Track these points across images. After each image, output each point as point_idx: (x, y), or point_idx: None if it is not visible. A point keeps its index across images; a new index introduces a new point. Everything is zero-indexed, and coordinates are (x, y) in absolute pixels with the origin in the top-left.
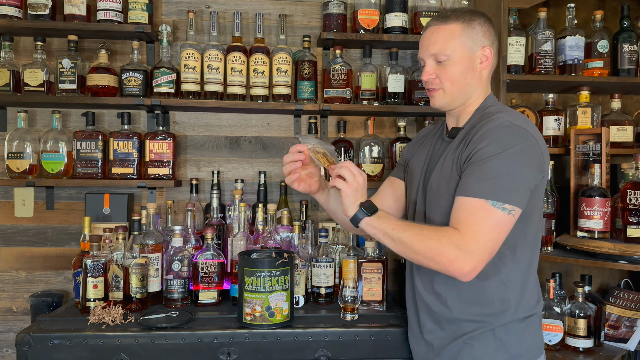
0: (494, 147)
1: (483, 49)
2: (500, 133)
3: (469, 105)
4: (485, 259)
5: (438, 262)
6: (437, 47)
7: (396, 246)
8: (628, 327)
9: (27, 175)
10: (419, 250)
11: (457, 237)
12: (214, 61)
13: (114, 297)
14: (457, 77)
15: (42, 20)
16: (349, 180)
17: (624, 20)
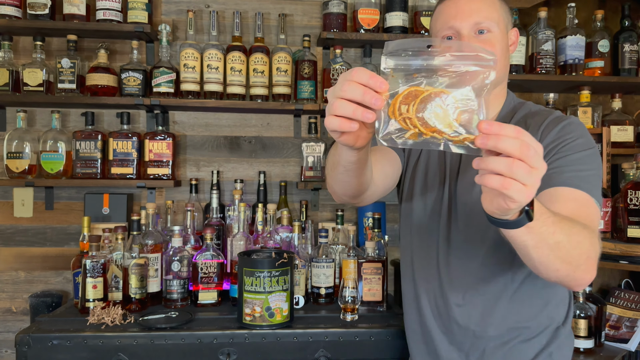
0: (584, 142)
1: (514, 30)
2: (583, 130)
3: (497, 95)
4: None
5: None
6: (482, 14)
7: (546, 254)
8: (629, 327)
9: (26, 175)
10: (574, 259)
11: (596, 238)
12: (214, 61)
13: (113, 297)
14: (501, 54)
15: (42, 20)
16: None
17: (625, 20)
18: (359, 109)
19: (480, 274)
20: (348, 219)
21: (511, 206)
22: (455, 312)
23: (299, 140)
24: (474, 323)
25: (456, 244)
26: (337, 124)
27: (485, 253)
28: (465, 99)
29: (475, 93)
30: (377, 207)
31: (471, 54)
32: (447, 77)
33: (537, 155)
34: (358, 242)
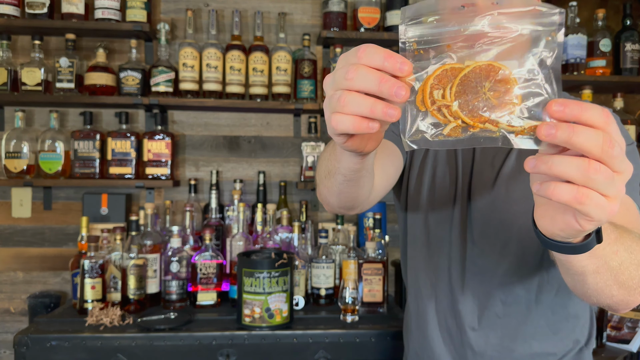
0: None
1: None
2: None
3: None
4: None
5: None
6: None
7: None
8: (630, 328)
9: (24, 175)
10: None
11: None
12: (213, 60)
13: (111, 298)
14: None
15: (40, 19)
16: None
17: (627, 19)
18: (378, 103)
19: (499, 293)
20: (348, 219)
21: (586, 227)
22: (470, 336)
23: (298, 140)
24: (491, 349)
25: (471, 258)
26: (351, 124)
27: (506, 269)
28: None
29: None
30: (378, 207)
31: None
32: (495, 45)
33: (622, 154)
34: (358, 242)
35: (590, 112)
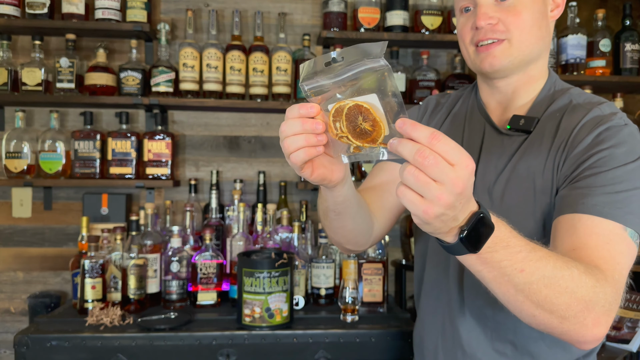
0: (625, 152)
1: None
2: (625, 136)
3: (532, 78)
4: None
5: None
6: None
7: (514, 294)
8: (630, 328)
9: (24, 175)
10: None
11: (608, 281)
12: (213, 60)
13: (112, 298)
14: (531, 24)
15: (40, 19)
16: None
17: (626, 19)
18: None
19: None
20: None
21: (416, 219)
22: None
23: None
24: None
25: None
26: (302, 153)
27: None
28: (375, 104)
29: (380, 96)
30: None
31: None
32: (350, 87)
33: (439, 166)
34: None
35: (417, 131)
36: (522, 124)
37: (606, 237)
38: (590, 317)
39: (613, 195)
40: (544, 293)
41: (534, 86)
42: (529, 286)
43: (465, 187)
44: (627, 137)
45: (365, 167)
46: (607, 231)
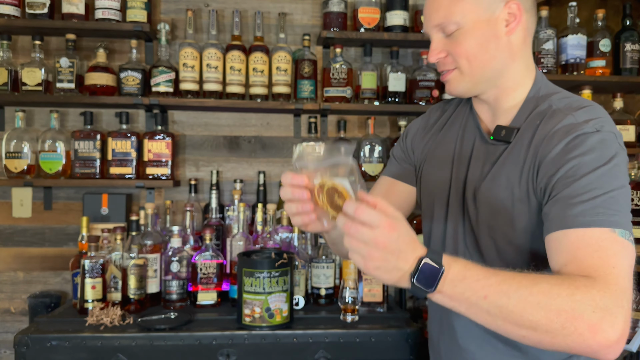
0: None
1: (507, 5)
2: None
3: (509, 88)
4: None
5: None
6: (441, 13)
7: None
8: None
9: (25, 175)
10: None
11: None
12: (213, 60)
13: (112, 298)
14: (476, 50)
15: (40, 19)
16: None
17: (626, 19)
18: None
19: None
20: None
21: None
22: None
23: (298, 140)
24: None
25: None
26: (299, 220)
27: None
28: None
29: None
30: None
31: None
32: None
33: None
34: None
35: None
36: (503, 134)
37: (595, 245)
38: (582, 326)
39: (591, 202)
40: (518, 312)
41: (515, 94)
42: (499, 309)
43: (387, 243)
44: (596, 144)
45: (365, 167)
46: (595, 239)
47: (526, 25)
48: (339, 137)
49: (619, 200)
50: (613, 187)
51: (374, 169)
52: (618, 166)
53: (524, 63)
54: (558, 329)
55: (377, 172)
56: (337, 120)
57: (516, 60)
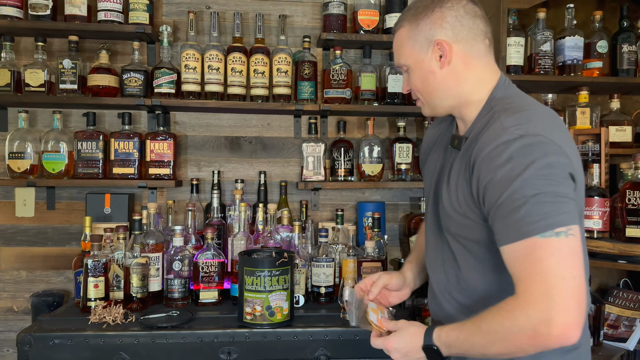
0: (510, 169)
1: (436, 45)
2: (512, 151)
3: (467, 105)
4: (572, 302)
5: (525, 345)
6: (396, 58)
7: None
8: (627, 326)
9: (28, 175)
10: (501, 351)
11: (521, 305)
12: (214, 61)
13: (114, 296)
14: (420, 85)
15: (43, 21)
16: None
17: (623, 21)
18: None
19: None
20: (348, 218)
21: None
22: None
23: (299, 141)
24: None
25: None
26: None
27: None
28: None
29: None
30: (377, 207)
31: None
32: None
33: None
34: (358, 241)
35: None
36: (456, 143)
37: (521, 258)
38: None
39: (513, 215)
40: (487, 351)
41: (473, 107)
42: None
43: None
44: (514, 153)
45: (364, 167)
46: (518, 253)
47: (463, 53)
48: (338, 137)
49: (542, 203)
50: (532, 192)
51: (373, 169)
52: (539, 170)
53: (474, 82)
54: (513, 350)
55: (376, 172)
56: (336, 121)
57: (464, 83)
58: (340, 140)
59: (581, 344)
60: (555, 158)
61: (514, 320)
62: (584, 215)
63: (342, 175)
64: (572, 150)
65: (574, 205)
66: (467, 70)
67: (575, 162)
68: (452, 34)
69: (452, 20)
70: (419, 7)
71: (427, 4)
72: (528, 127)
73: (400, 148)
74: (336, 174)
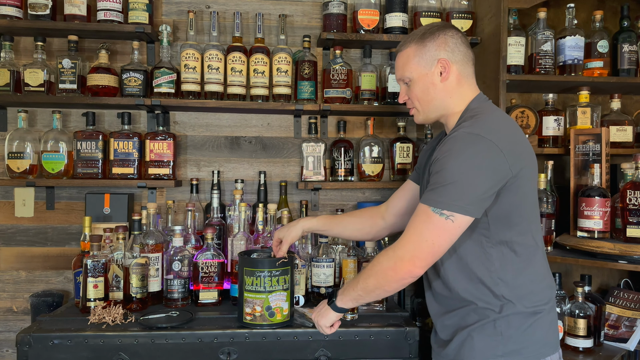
0: (445, 158)
1: (439, 62)
2: (454, 144)
3: (451, 115)
4: (422, 254)
5: (390, 277)
6: (399, 72)
7: (370, 297)
8: (628, 327)
9: (27, 175)
10: (376, 283)
11: (392, 248)
12: (214, 61)
13: (114, 297)
14: (421, 95)
15: (43, 21)
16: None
17: (624, 21)
18: None
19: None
20: None
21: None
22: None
23: (299, 141)
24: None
25: None
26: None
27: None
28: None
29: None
30: None
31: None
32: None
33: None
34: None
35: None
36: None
37: (416, 213)
38: (390, 273)
39: (431, 188)
40: (367, 285)
41: (454, 117)
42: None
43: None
44: (455, 145)
45: (364, 167)
46: (418, 210)
47: (458, 72)
48: (338, 137)
49: (445, 188)
50: (452, 177)
51: (373, 169)
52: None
53: (459, 96)
54: (386, 280)
55: (376, 172)
56: (336, 121)
57: (453, 96)
58: (340, 140)
59: (542, 309)
60: (486, 153)
61: (384, 257)
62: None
63: (342, 175)
64: (514, 152)
65: (482, 198)
66: (458, 87)
67: (512, 159)
68: (452, 56)
69: (452, 45)
70: (425, 33)
71: (433, 31)
72: (474, 128)
73: (401, 148)
74: (336, 174)
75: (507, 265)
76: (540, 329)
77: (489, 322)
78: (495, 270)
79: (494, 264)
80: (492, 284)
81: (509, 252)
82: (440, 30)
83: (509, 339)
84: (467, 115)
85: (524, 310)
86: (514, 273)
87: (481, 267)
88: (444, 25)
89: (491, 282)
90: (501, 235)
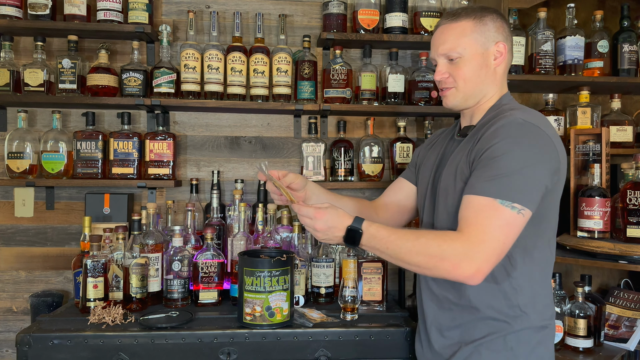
0: (504, 145)
1: (497, 45)
2: (511, 130)
3: (484, 104)
4: (492, 259)
5: (442, 268)
6: (448, 45)
7: (395, 262)
8: (628, 327)
9: (27, 175)
10: (419, 263)
11: (462, 239)
12: (214, 61)
13: (114, 297)
14: (471, 74)
15: (42, 20)
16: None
17: (624, 20)
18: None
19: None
20: None
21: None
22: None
23: (299, 141)
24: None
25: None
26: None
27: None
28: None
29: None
30: None
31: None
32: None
33: (304, 220)
34: None
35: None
36: (464, 131)
37: (476, 208)
38: (446, 265)
39: (489, 179)
40: (406, 258)
41: (485, 105)
42: (396, 256)
43: (322, 224)
44: (512, 132)
45: (364, 167)
46: (478, 203)
47: (508, 61)
48: (338, 137)
49: (512, 178)
50: (510, 169)
51: (373, 169)
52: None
53: (499, 87)
54: (431, 267)
55: (376, 172)
56: (336, 121)
57: (496, 85)
58: (340, 140)
59: (548, 324)
60: (547, 148)
61: (451, 247)
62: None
63: (342, 175)
64: (562, 150)
65: (540, 193)
66: (502, 77)
67: (562, 159)
68: (507, 43)
69: (507, 32)
70: (484, 10)
71: (490, 11)
72: (531, 117)
73: (401, 148)
74: (336, 174)
75: (528, 273)
76: (544, 344)
77: (499, 337)
78: (516, 276)
79: (516, 270)
80: (511, 290)
81: (532, 259)
82: (498, 14)
83: (519, 357)
84: (505, 106)
85: (536, 324)
86: (533, 282)
87: (502, 271)
88: (497, 11)
89: (509, 288)
90: (528, 240)
